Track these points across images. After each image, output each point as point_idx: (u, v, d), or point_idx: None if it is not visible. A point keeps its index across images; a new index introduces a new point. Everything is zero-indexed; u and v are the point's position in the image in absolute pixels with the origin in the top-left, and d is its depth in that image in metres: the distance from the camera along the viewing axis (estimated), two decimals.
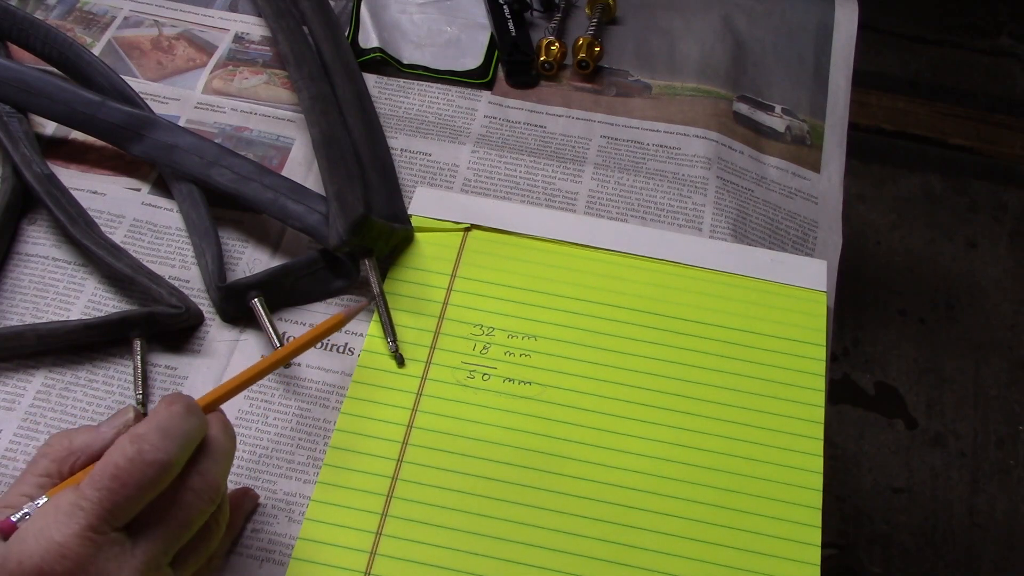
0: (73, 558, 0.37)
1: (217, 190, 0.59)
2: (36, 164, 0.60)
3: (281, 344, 0.53)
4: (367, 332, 0.56)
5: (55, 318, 0.56)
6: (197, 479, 0.41)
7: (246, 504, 0.49)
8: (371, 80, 0.69)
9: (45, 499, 0.40)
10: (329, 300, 0.57)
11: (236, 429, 0.52)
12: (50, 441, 0.42)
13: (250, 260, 0.59)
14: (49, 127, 0.65)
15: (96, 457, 0.41)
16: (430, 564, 0.48)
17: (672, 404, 0.53)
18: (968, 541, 1.25)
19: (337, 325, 0.50)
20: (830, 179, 0.67)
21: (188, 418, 0.41)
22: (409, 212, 0.60)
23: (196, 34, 0.71)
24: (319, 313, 0.57)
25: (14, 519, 0.39)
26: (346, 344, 0.56)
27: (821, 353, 0.56)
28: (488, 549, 0.49)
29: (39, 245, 0.59)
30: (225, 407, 0.53)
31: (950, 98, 1.70)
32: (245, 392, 0.53)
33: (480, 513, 0.50)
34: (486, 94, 0.69)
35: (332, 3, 0.72)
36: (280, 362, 0.48)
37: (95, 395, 0.53)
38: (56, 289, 0.57)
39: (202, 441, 0.42)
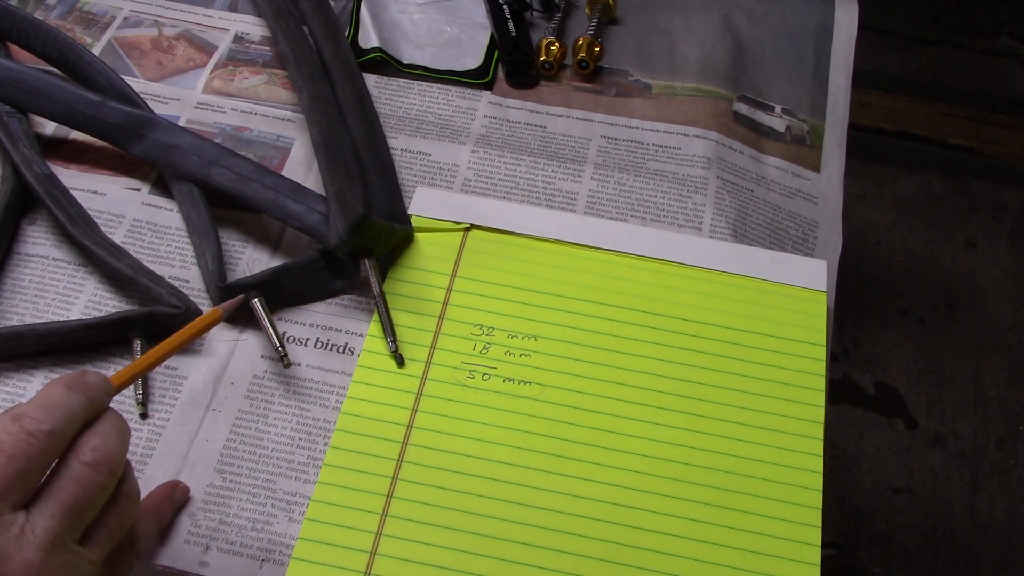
0: None
1: (217, 190, 0.59)
2: (36, 164, 0.60)
3: (281, 345, 0.53)
4: (367, 332, 0.56)
5: (55, 318, 0.56)
6: (89, 453, 0.41)
7: (176, 495, 0.49)
8: (371, 80, 0.69)
9: None
10: (329, 300, 0.57)
11: (236, 429, 0.52)
12: None
13: (250, 260, 0.59)
14: (49, 127, 0.65)
15: None
16: (430, 564, 0.48)
17: (672, 404, 0.53)
18: (968, 541, 1.25)
19: (213, 322, 0.50)
20: (830, 179, 0.67)
21: (68, 394, 0.41)
22: (409, 212, 0.60)
23: (196, 34, 0.71)
24: (319, 313, 0.57)
25: None
26: (346, 344, 0.56)
27: (821, 353, 0.56)
28: (488, 549, 0.49)
29: (39, 245, 0.59)
30: (226, 407, 0.53)
31: (950, 98, 1.70)
32: (245, 392, 0.54)
33: (480, 513, 0.50)
34: (486, 94, 0.69)
35: (332, 3, 0.72)
36: (153, 363, 0.47)
37: None
38: (56, 289, 0.57)
39: (94, 422, 0.42)
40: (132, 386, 0.53)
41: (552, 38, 0.70)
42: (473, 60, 0.70)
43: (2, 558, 0.37)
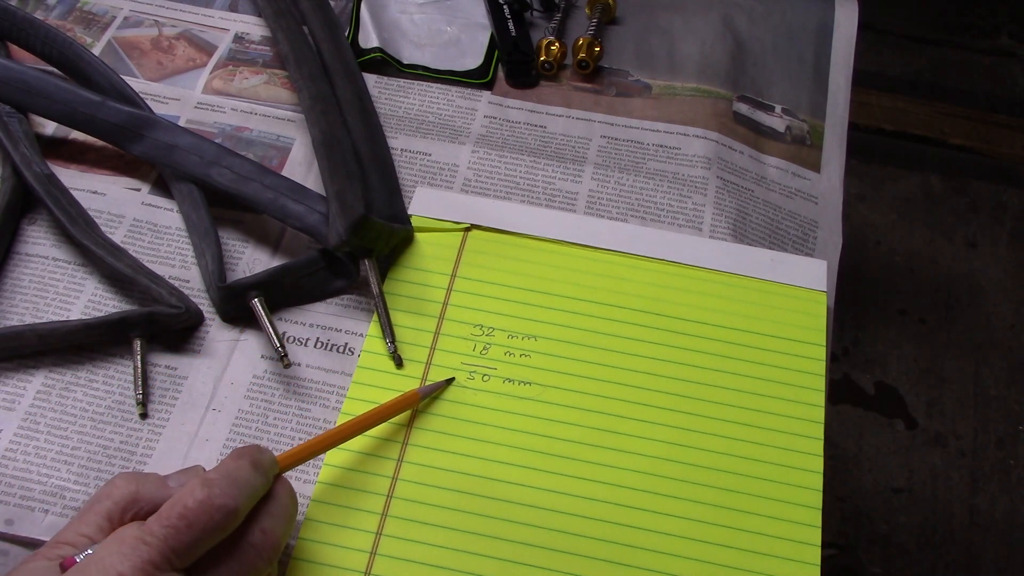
0: None
1: (217, 190, 0.59)
2: (36, 164, 0.60)
3: (281, 345, 0.53)
4: (367, 332, 0.56)
5: (55, 318, 0.56)
6: (259, 536, 0.42)
7: None
8: (371, 80, 0.69)
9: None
10: (329, 300, 0.57)
11: (236, 429, 0.52)
12: (116, 482, 0.43)
13: (250, 260, 0.59)
14: (49, 127, 0.65)
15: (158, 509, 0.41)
16: (430, 564, 0.48)
17: (672, 404, 0.53)
18: (968, 541, 1.25)
19: (411, 401, 0.51)
20: (830, 179, 0.67)
21: (254, 472, 0.42)
22: (409, 212, 0.60)
23: (196, 34, 0.71)
24: (319, 313, 0.57)
25: (78, 558, 0.39)
26: (346, 344, 0.56)
27: (821, 353, 0.56)
28: (488, 549, 0.49)
29: (39, 245, 0.59)
30: (226, 407, 0.53)
31: (950, 98, 1.70)
32: (245, 392, 0.54)
33: (480, 513, 0.50)
34: (486, 94, 0.69)
35: (332, 3, 0.72)
36: (354, 431, 0.49)
37: (95, 395, 0.53)
38: (56, 289, 0.57)
39: (267, 500, 0.43)
40: (132, 386, 0.53)
41: (552, 38, 0.70)
42: (473, 60, 0.70)
43: None
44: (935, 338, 1.43)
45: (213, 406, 0.53)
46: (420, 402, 0.52)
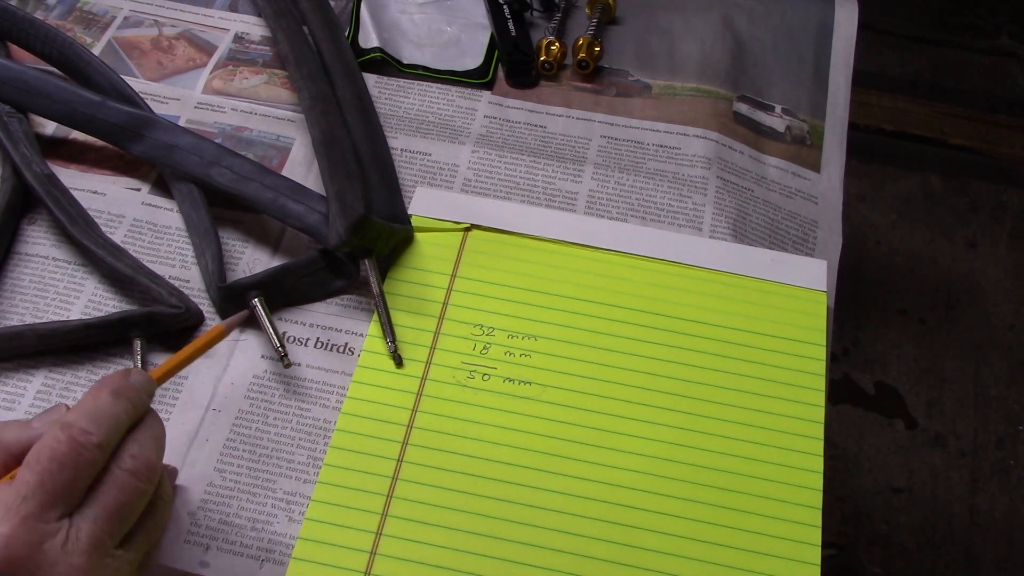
0: (18, 547, 0.38)
1: (217, 190, 0.59)
2: (36, 164, 0.60)
3: (281, 345, 0.53)
4: (367, 332, 0.56)
5: (55, 318, 0.56)
6: (130, 460, 0.42)
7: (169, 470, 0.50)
8: (371, 80, 0.69)
9: None
10: (329, 300, 0.57)
11: (236, 429, 0.52)
12: None
13: (250, 260, 0.59)
14: (49, 127, 0.65)
15: (27, 452, 0.41)
16: (430, 564, 0.48)
17: (672, 404, 0.53)
18: (968, 541, 1.25)
19: (217, 337, 0.50)
20: (830, 179, 0.67)
21: (115, 402, 0.42)
22: (409, 212, 0.60)
23: (196, 34, 0.71)
24: (319, 313, 0.57)
25: None
26: (346, 344, 0.56)
27: (821, 353, 0.56)
28: (488, 549, 0.49)
29: (39, 245, 0.59)
30: (226, 407, 0.53)
31: (950, 98, 1.70)
32: (245, 392, 0.54)
33: (480, 513, 0.50)
34: (486, 94, 0.69)
35: (332, 3, 0.72)
36: (168, 374, 0.48)
37: None
38: (56, 289, 0.57)
39: (135, 428, 0.43)
40: None
41: (552, 38, 0.70)
42: (473, 60, 0.70)
43: (49, 563, 0.38)
44: (935, 338, 1.43)
45: (213, 406, 0.53)
46: (226, 335, 0.50)
